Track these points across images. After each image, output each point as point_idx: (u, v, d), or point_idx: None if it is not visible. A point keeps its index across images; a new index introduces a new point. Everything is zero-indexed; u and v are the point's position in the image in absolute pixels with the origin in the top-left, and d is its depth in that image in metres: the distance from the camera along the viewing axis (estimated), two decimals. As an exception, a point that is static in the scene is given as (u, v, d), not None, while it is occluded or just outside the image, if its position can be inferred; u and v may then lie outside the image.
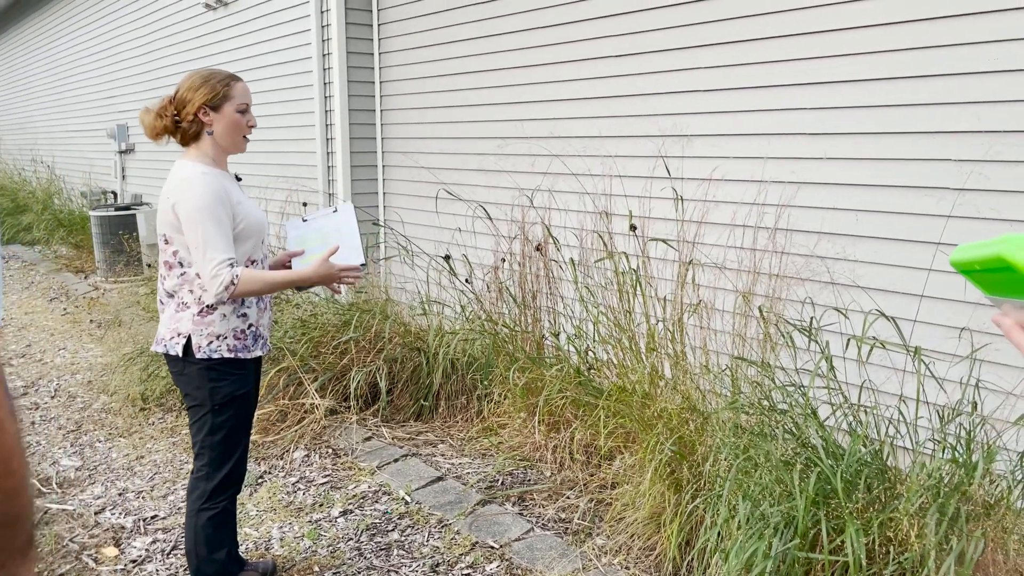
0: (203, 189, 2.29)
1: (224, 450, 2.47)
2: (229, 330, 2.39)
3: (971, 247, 0.74)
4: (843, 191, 3.40)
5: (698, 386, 3.09)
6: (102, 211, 8.13)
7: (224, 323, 2.38)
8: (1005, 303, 0.76)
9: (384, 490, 3.58)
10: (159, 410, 4.55)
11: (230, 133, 2.42)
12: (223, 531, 2.52)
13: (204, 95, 2.38)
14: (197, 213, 2.27)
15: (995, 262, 0.68)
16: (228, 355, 2.39)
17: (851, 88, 3.34)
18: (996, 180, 2.97)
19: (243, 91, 2.44)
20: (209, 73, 2.42)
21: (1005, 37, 2.90)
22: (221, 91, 2.39)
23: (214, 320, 2.37)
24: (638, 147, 4.21)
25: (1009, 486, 2.47)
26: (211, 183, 2.31)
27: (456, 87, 5.43)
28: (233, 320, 2.39)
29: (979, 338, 3.06)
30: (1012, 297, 0.72)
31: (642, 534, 2.97)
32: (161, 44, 8.97)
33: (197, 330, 2.37)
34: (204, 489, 2.48)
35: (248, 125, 2.46)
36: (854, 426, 2.67)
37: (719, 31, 3.77)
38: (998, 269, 0.69)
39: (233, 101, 2.40)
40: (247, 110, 2.44)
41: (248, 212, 2.42)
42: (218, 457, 2.46)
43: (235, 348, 2.41)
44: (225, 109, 2.40)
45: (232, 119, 2.41)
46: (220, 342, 2.38)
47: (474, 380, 4.25)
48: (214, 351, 2.37)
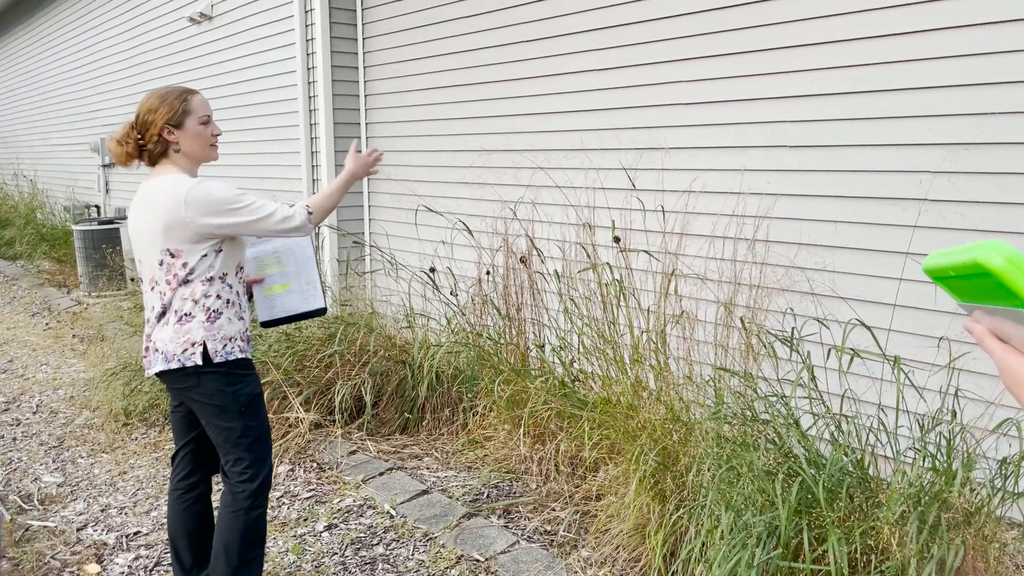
0: (216, 186, 2.37)
1: (262, 448, 2.52)
2: (237, 332, 2.46)
3: (945, 253, 0.75)
4: (820, 202, 3.43)
5: (681, 397, 3.11)
6: (85, 225, 8.09)
7: (231, 326, 2.44)
8: (976, 310, 0.77)
9: (369, 504, 3.57)
10: (142, 425, 4.52)
11: (198, 146, 2.47)
12: (260, 532, 2.57)
13: (164, 115, 2.41)
14: (235, 200, 2.36)
15: (971, 268, 0.68)
16: (241, 356, 2.46)
17: (823, 101, 3.38)
18: (958, 190, 3.01)
19: (201, 103, 2.48)
20: (165, 92, 2.45)
21: (957, 53, 2.95)
22: (179, 108, 2.43)
23: (223, 324, 2.43)
24: (619, 159, 4.24)
25: (989, 494, 2.50)
26: (214, 182, 2.40)
27: (439, 100, 5.46)
28: (236, 323, 2.47)
29: (957, 347, 3.09)
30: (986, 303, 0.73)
31: (627, 545, 2.97)
32: (145, 58, 8.96)
33: (211, 336, 2.40)
34: (249, 490, 2.50)
35: (213, 135, 2.50)
36: (836, 435, 2.69)
37: (696, 46, 3.81)
38: (973, 275, 0.69)
39: (194, 115, 2.45)
40: (209, 121, 2.49)
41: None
42: (258, 457, 2.51)
43: (244, 349, 2.49)
44: (187, 125, 2.44)
45: (195, 132, 2.45)
46: (232, 344, 2.44)
47: (459, 393, 4.25)
48: (230, 354, 2.43)
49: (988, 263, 0.66)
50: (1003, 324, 0.73)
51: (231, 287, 2.47)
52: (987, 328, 0.77)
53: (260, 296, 2.73)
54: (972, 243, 0.69)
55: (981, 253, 0.67)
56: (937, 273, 0.77)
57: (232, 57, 7.31)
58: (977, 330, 0.78)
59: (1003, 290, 0.67)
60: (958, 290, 0.77)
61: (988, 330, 0.77)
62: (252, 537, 2.53)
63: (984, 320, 0.77)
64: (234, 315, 2.46)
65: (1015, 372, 0.74)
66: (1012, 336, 0.74)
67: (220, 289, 2.43)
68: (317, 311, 2.68)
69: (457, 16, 5.21)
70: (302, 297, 2.68)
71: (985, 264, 0.66)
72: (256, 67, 6.97)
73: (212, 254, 2.41)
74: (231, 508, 2.51)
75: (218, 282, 2.43)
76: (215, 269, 2.41)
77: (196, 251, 2.38)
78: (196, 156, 2.49)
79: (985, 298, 0.72)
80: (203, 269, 2.40)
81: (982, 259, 0.66)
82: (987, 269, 0.66)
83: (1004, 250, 0.66)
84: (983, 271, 0.67)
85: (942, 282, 0.78)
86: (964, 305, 0.79)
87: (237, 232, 2.40)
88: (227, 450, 2.49)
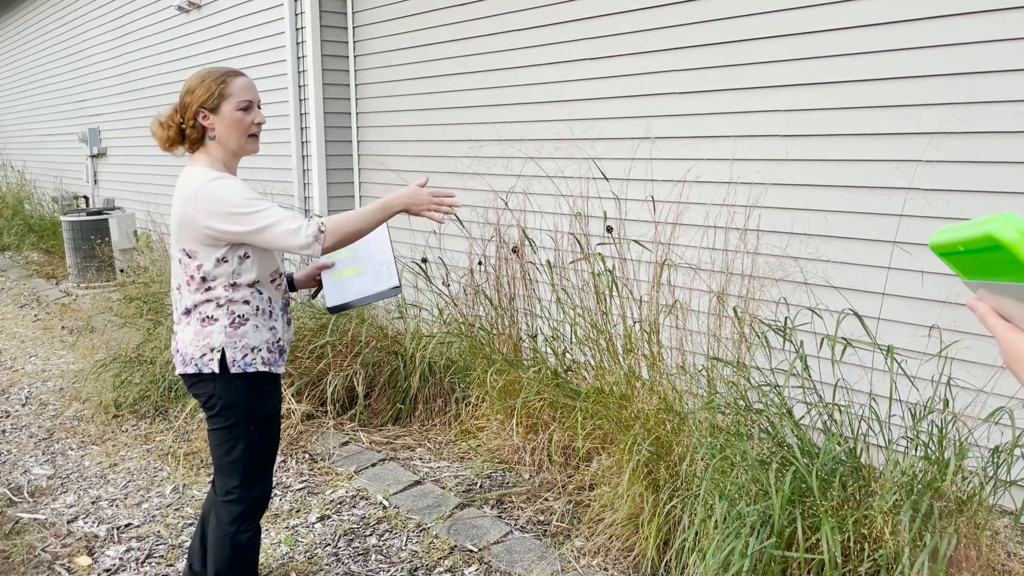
0: (230, 186, 2.12)
1: (259, 468, 2.33)
2: (263, 342, 2.25)
3: (954, 228, 0.74)
4: (811, 192, 3.43)
5: (675, 387, 3.10)
6: (74, 216, 8.03)
7: (257, 335, 2.23)
8: (981, 288, 0.77)
9: (362, 495, 3.56)
10: (132, 417, 4.49)
11: (234, 135, 2.22)
12: (255, 551, 2.39)
13: (200, 97, 2.19)
14: (243, 204, 2.08)
15: (983, 241, 0.67)
16: (263, 369, 2.24)
17: (811, 90, 3.37)
18: (943, 179, 3.01)
19: (243, 87, 2.22)
20: (206, 72, 2.21)
21: (938, 43, 2.95)
22: (216, 90, 2.19)
23: (247, 332, 2.22)
24: (611, 149, 4.23)
25: (981, 482, 2.50)
26: (232, 182, 2.14)
27: (431, 90, 5.43)
28: (265, 332, 2.25)
29: (948, 336, 3.10)
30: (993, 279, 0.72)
31: (620, 535, 2.98)
32: (134, 47, 8.88)
33: (231, 343, 2.20)
34: (237, 512, 2.32)
35: (255, 123, 2.24)
36: (828, 425, 2.69)
37: (686, 35, 3.79)
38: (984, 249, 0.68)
39: (232, 99, 2.20)
40: (250, 107, 2.22)
41: None
42: (252, 476, 2.31)
43: (268, 362, 2.26)
44: (223, 109, 2.20)
45: (232, 119, 2.20)
46: (255, 355, 2.23)
47: (452, 383, 4.25)
48: (249, 364, 2.22)
49: (1001, 236, 0.64)
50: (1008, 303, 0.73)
51: (261, 293, 2.26)
52: (990, 307, 0.77)
53: (329, 282, 2.49)
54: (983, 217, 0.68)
55: (995, 226, 0.65)
56: (945, 249, 0.76)
57: (221, 47, 7.25)
58: (980, 309, 0.78)
59: (1014, 264, 0.65)
60: (965, 266, 0.76)
61: (991, 309, 0.77)
62: (243, 563, 2.34)
63: (988, 299, 0.77)
64: (263, 324, 2.24)
65: (1017, 350, 0.74)
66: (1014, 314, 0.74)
67: (249, 295, 2.22)
68: (391, 291, 2.39)
69: (447, 5, 5.17)
70: (375, 278, 2.41)
71: (998, 237, 0.65)
72: (245, 56, 6.92)
73: (235, 260, 2.19)
74: (219, 532, 2.34)
75: (245, 288, 2.22)
76: (241, 276, 2.20)
77: (210, 254, 2.17)
78: (232, 146, 2.23)
79: (993, 274, 0.71)
80: (225, 274, 2.19)
81: (996, 232, 0.65)
82: (1000, 242, 0.65)
83: (1017, 223, 0.65)
84: (995, 244, 0.65)
85: (949, 258, 0.77)
86: (969, 283, 0.78)
87: (239, 240, 2.13)
88: (222, 464, 2.31)
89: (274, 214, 2.09)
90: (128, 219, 8.12)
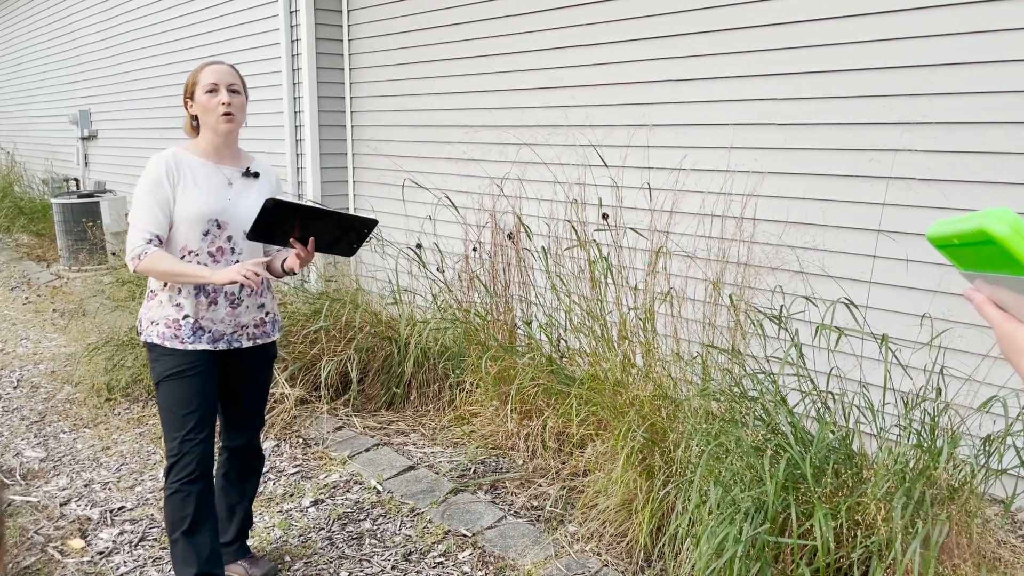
0: (145, 171, 2.38)
1: (165, 430, 2.47)
2: (161, 317, 2.43)
3: (950, 222, 0.75)
4: (807, 180, 3.43)
5: (670, 374, 3.11)
6: (64, 199, 7.97)
7: (159, 310, 2.44)
8: (977, 279, 0.78)
9: (355, 479, 3.56)
10: (125, 400, 4.48)
11: (208, 117, 2.42)
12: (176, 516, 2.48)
13: (185, 87, 2.45)
14: (136, 192, 2.39)
15: (975, 235, 0.68)
16: (157, 341, 2.44)
17: (805, 79, 3.37)
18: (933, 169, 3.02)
19: (210, 71, 2.41)
20: (196, 68, 2.48)
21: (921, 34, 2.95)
22: (192, 79, 2.43)
23: (152, 306, 2.46)
24: (608, 136, 4.22)
25: (972, 470, 2.53)
26: (153, 164, 2.38)
27: (426, 75, 5.40)
28: (167, 308, 2.43)
29: (940, 325, 3.11)
30: (988, 271, 0.73)
31: (614, 521, 2.99)
32: (124, 28, 8.80)
33: (144, 314, 2.48)
34: (165, 468, 2.50)
35: (221, 103, 2.39)
36: (822, 413, 2.71)
37: (681, 22, 3.78)
38: (978, 243, 0.69)
39: (200, 84, 2.41)
40: (216, 89, 2.40)
41: (192, 199, 2.38)
42: (168, 435, 2.47)
43: (164, 335, 2.43)
44: (196, 94, 2.42)
45: (202, 102, 2.41)
46: (153, 327, 2.45)
47: (445, 369, 4.25)
48: (148, 335, 2.45)
49: (993, 231, 0.66)
50: (1003, 293, 0.74)
51: None
52: (987, 297, 0.78)
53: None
54: (977, 211, 0.69)
55: (986, 221, 0.67)
56: (941, 241, 0.77)
57: (213, 28, 7.19)
58: (977, 298, 0.79)
59: (1006, 258, 0.67)
60: (961, 258, 0.77)
61: (988, 299, 0.78)
62: (168, 518, 2.48)
63: (984, 289, 0.78)
64: (167, 300, 2.43)
65: (1013, 339, 0.75)
66: (1011, 305, 0.75)
67: None
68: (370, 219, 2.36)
69: (444, -11, 5.14)
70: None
71: (990, 232, 0.66)
72: (238, 39, 6.86)
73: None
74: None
75: None
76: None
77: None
78: (210, 127, 2.43)
79: (988, 266, 0.72)
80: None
81: (987, 227, 0.66)
82: (992, 237, 0.66)
83: (1009, 218, 0.66)
84: (988, 239, 0.67)
85: (945, 250, 0.79)
86: (966, 274, 0.80)
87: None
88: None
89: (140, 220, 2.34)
90: (120, 202, 8.07)
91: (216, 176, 2.45)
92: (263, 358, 2.66)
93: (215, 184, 2.44)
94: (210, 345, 2.48)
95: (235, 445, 2.73)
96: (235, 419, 2.70)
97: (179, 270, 2.33)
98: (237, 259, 2.49)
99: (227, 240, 2.47)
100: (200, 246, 2.43)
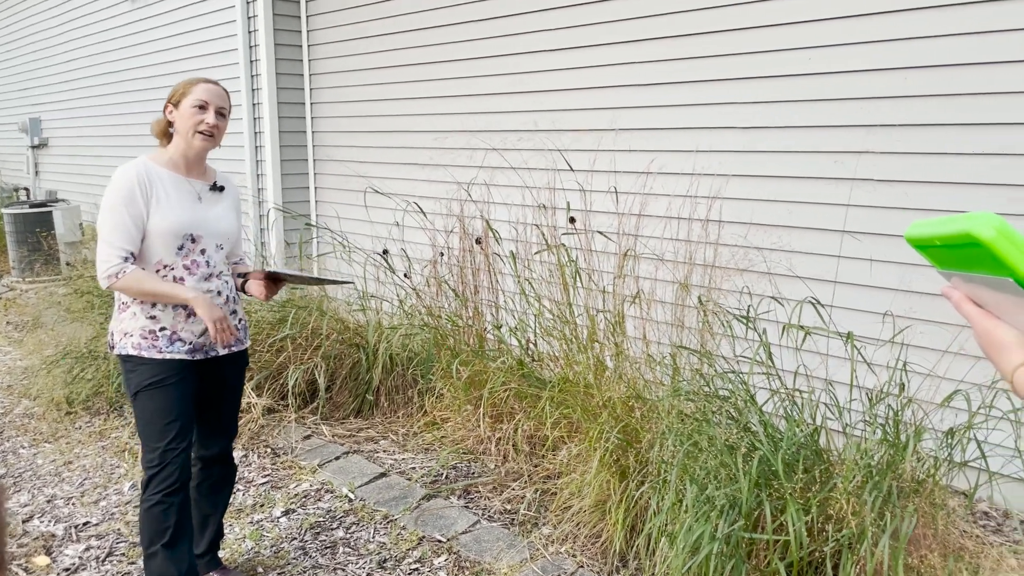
0: (115, 182, 2.34)
1: (144, 442, 2.44)
2: (136, 328, 2.41)
3: (930, 224, 0.78)
4: (771, 183, 3.50)
5: (642, 375, 3.14)
6: (16, 208, 7.77)
7: (133, 321, 2.41)
8: (954, 277, 0.81)
9: (327, 488, 3.53)
10: (86, 414, 4.38)
11: (184, 127, 2.43)
12: (156, 528, 2.45)
13: (171, 93, 2.46)
14: (105, 204, 2.34)
15: (960, 238, 0.71)
16: (133, 352, 2.41)
17: (767, 83, 3.44)
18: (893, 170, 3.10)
19: (204, 90, 2.44)
20: (188, 78, 2.50)
21: (883, 38, 3.04)
22: (183, 89, 2.44)
23: (125, 317, 2.42)
24: (576, 140, 4.25)
25: (936, 463, 2.59)
26: (124, 177, 2.34)
27: (391, 80, 5.39)
28: (141, 319, 2.41)
29: (901, 322, 3.19)
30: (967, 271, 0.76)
31: (588, 522, 3.01)
32: (78, 35, 8.63)
33: (116, 327, 2.45)
34: (143, 479, 2.46)
35: (205, 122, 2.42)
36: (790, 410, 2.76)
37: (649, 27, 3.83)
38: (961, 245, 0.72)
39: (191, 97, 2.42)
40: (206, 107, 2.42)
41: (167, 214, 2.37)
42: (145, 446, 2.44)
43: (140, 346, 2.41)
44: (183, 104, 2.43)
45: (186, 113, 2.42)
46: (127, 339, 2.42)
47: (415, 375, 4.23)
48: (123, 348, 2.42)
49: (980, 234, 0.68)
50: (982, 291, 0.77)
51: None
52: (964, 294, 0.81)
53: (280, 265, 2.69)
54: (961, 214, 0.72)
55: (973, 225, 0.69)
56: (921, 242, 0.80)
57: (168, 35, 7.09)
58: (955, 296, 0.82)
59: (990, 259, 0.69)
60: (940, 258, 0.80)
61: (965, 296, 0.81)
62: (147, 531, 2.45)
63: (961, 287, 0.81)
64: (141, 311, 2.40)
65: (990, 335, 0.78)
66: (988, 302, 0.77)
67: None
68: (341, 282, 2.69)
69: (406, -5, 5.14)
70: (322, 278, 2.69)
71: (977, 235, 0.69)
72: (194, 46, 6.77)
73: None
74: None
75: None
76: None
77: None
78: (183, 138, 2.43)
79: (968, 266, 0.75)
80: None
81: (974, 231, 0.69)
82: (978, 240, 0.69)
83: (995, 222, 0.69)
84: (973, 241, 0.70)
85: (924, 250, 0.82)
86: (943, 272, 0.82)
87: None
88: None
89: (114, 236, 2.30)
90: (73, 211, 7.90)
91: (187, 189, 2.45)
92: (239, 365, 2.65)
93: (186, 198, 2.44)
94: (188, 355, 2.46)
95: (210, 455, 2.70)
96: (212, 428, 2.68)
97: (159, 290, 2.33)
98: (210, 272, 2.49)
99: (200, 253, 2.47)
100: (175, 260, 2.42)
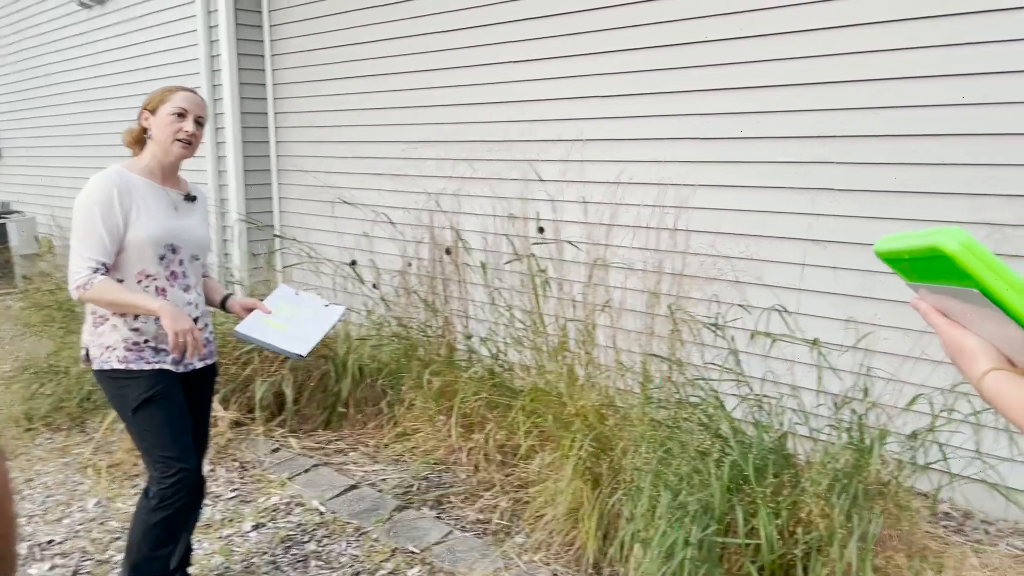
0: (92, 190, 2.27)
1: (155, 452, 2.39)
2: (119, 341, 2.35)
3: (898, 238, 0.82)
4: (736, 192, 3.57)
5: (614, 383, 3.17)
6: (-32, 220, 7.60)
7: (114, 334, 2.34)
8: (922, 289, 0.84)
9: (297, 501, 3.50)
10: (47, 430, 4.29)
11: (161, 134, 2.38)
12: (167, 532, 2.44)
13: (148, 100, 2.41)
14: (78, 213, 2.27)
15: (927, 252, 0.75)
16: (119, 366, 2.34)
17: (734, 96, 3.51)
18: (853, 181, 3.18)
19: (183, 98, 2.40)
20: (166, 86, 2.45)
21: (849, 51, 3.13)
22: (160, 96, 2.40)
23: (105, 331, 2.35)
24: (545, 151, 4.28)
25: (900, 466, 2.66)
26: (99, 184, 2.27)
27: (358, 90, 5.38)
28: (124, 331, 2.34)
29: (864, 328, 3.27)
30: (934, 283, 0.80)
31: (561, 530, 3.02)
32: (31, 43, 8.46)
33: (92, 341, 2.37)
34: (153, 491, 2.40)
35: (183, 129, 2.38)
36: (758, 416, 2.81)
37: (615, 39, 3.88)
38: (928, 258, 0.76)
39: (169, 104, 2.38)
40: (184, 114, 2.38)
41: (149, 223, 2.33)
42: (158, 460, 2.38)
43: (127, 359, 2.35)
44: (161, 111, 2.38)
45: (164, 120, 2.37)
46: (109, 353, 2.35)
47: (384, 386, 4.22)
48: (105, 362, 2.35)
49: (945, 248, 0.73)
50: (949, 302, 0.81)
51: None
52: (932, 305, 0.84)
53: (255, 316, 2.58)
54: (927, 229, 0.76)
55: (940, 239, 0.74)
56: (890, 256, 0.84)
57: (127, 44, 6.99)
58: (923, 307, 0.86)
59: (957, 271, 0.73)
60: (908, 271, 0.84)
61: (933, 307, 0.84)
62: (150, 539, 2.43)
63: (929, 298, 0.84)
64: (122, 323, 2.34)
65: (957, 343, 0.81)
66: (955, 312, 0.81)
67: None
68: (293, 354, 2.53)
69: (372, 4, 5.13)
70: (289, 341, 2.54)
71: (943, 249, 0.73)
72: (154, 54, 6.69)
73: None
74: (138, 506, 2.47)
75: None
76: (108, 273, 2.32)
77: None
78: (161, 145, 2.38)
79: (935, 278, 0.79)
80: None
81: (940, 244, 0.73)
82: (944, 253, 0.73)
83: (961, 237, 0.73)
84: (939, 255, 0.73)
85: (893, 264, 0.85)
86: (911, 284, 0.86)
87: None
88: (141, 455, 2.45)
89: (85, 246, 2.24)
90: (29, 223, 7.74)
91: (164, 199, 2.42)
92: (211, 377, 2.63)
93: (164, 208, 2.41)
94: (172, 366, 2.44)
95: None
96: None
97: (126, 300, 2.26)
98: (187, 284, 2.47)
99: (179, 264, 2.45)
100: (157, 270, 2.39)
